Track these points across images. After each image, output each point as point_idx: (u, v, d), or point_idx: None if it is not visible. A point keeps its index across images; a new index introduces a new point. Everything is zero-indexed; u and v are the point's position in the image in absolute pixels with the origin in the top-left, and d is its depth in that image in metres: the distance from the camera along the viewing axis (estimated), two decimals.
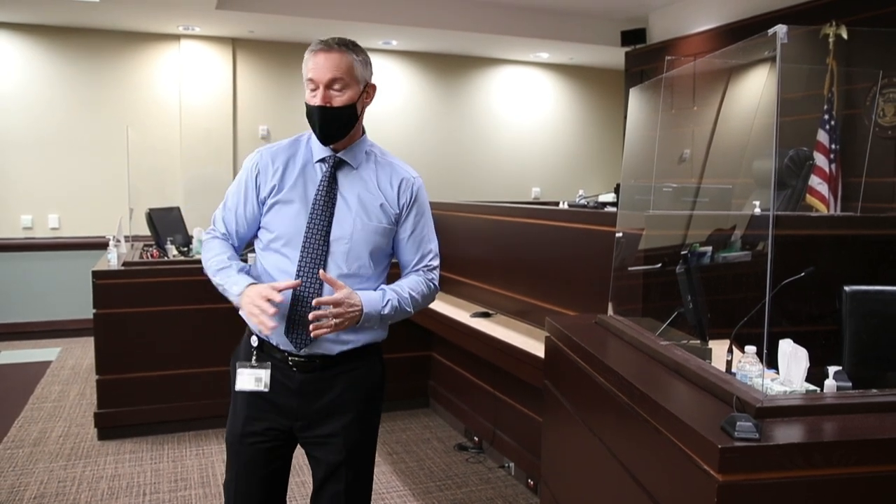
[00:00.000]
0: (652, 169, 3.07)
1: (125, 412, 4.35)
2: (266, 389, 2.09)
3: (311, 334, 1.99)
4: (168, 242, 4.84)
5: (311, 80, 2.02)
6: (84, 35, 7.27)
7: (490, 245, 4.39)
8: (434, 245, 2.26)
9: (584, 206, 5.10)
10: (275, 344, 2.10)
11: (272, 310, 1.93)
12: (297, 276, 2.05)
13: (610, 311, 2.77)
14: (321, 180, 2.09)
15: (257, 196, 2.12)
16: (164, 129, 7.57)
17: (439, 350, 4.91)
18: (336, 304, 1.97)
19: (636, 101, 3.57)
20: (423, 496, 3.67)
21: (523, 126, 9.15)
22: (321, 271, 2.02)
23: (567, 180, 9.11)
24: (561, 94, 9.34)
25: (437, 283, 2.27)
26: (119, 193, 6.61)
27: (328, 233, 2.06)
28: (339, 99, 2.02)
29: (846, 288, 2.51)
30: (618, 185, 5.12)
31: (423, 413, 4.93)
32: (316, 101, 2.02)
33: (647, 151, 3.19)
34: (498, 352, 3.58)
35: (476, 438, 4.30)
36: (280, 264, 2.09)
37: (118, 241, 4.77)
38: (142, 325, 4.34)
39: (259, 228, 2.16)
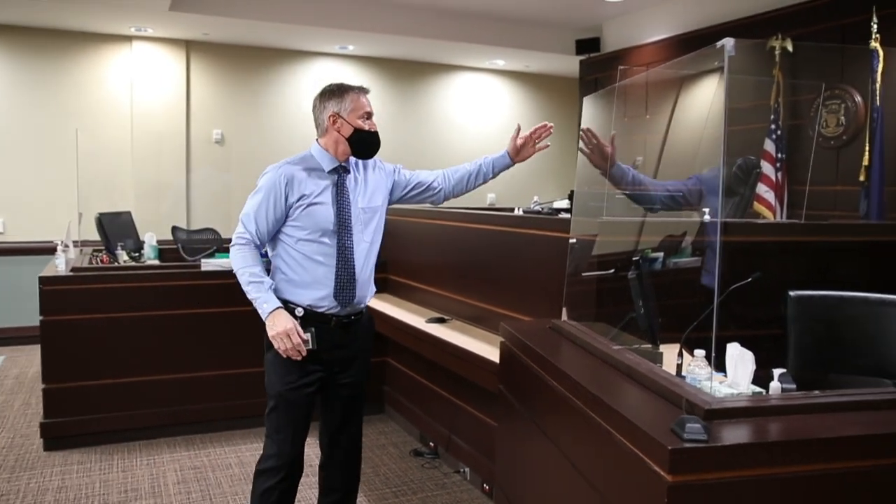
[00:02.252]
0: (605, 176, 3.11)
1: (73, 422, 4.25)
2: (314, 347, 2.68)
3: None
4: (119, 248, 4.76)
5: (369, 113, 2.75)
6: (31, 34, 7.10)
7: (445, 251, 4.41)
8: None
9: (538, 212, 5.15)
10: (322, 311, 2.70)
11: (304, 351, 2.64)
12: (338, 255, 2.69)
13: (564, 316, 2.80)
14: (338, 184, 2.73)
15: (286, 202, 2.67)
16: (115, 131, 7.41)
17: (394, 356, 4.90)
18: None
19: (590, 109, 3.63)
20: (378, 502, 3.66)
21: (479, 132, 9.20)
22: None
23: (522, 186, 9.16)
24: (516, 101, 9.42)
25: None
26: (67, 197, 6.48)
27: (350, 219, 2.72)
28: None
29: (791, 293, 2.58)
30: (572, 192, 5.18)
31: (379, 419, 4.91)
32: (373, 128, 2.76)
33: None
34: (453, 357, 3.59)
35: (432, 444, 4.30)
36: (321, 250, 2.69)
37: (66, 246, 4.66)
38: (91, 332, 4.25)
39: (287, 227, 2.71)
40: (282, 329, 2.59)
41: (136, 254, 4.88)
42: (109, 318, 4.29)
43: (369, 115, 2.74)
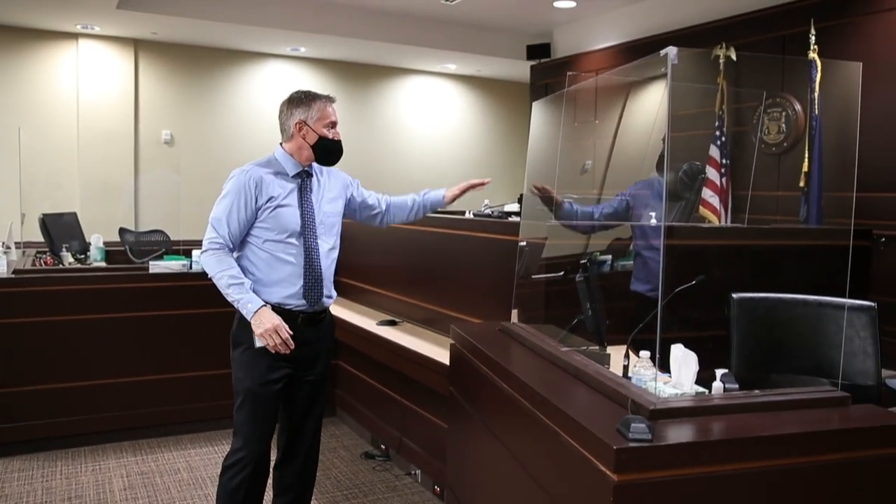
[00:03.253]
0: (554, 180, 3.16)
1: (13, 428, 4.13)
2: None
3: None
4: (63, 249, 4.65)
5: (334, 122, 2.83)
6: None
7: (396, 253, 4.41)
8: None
9: (489, 215, 5.18)
10: (289, 308, 2.76)
11: (292, 345, 2.68)
12: (305, 255, 2.76)
13: (513, 319, 2.84)
14: (302, 187, 2.82)
15: (255, 203, 2.74)
16: (61, 131, 7.25)
17: (345, 358, 4.88)
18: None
19: (539, 114, 3.67)
20: None
21: (431, 135, 9.23)
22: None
23: (473, 190, 9.21)
24: (468, 105, 9.47)
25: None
26: (9, 197, 6.30)
27: (314, 221, 2.80)
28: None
29: (734, 295, 2.66)
30: (521, 196, 5.23)
31: (330, 422, 4.88)
32: (337, 137, 2.84)
33: (549, 163, 3.28)
34: (404, 359, 3.60)
35: (383, 446, 4.30)
36: (289, 250, 2.76)
37: (8, 247, 4.53)
38: (33, 335, 4.14)
39: (254, 229, 2.76)
40: (270, 326, 2.64)
41: (82, 256, 4.78)
42: (54, 321, 4.19)
43: (334, 125, 2.83)
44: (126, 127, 7.47)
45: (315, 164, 2.89)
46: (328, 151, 2.83)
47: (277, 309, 2.73)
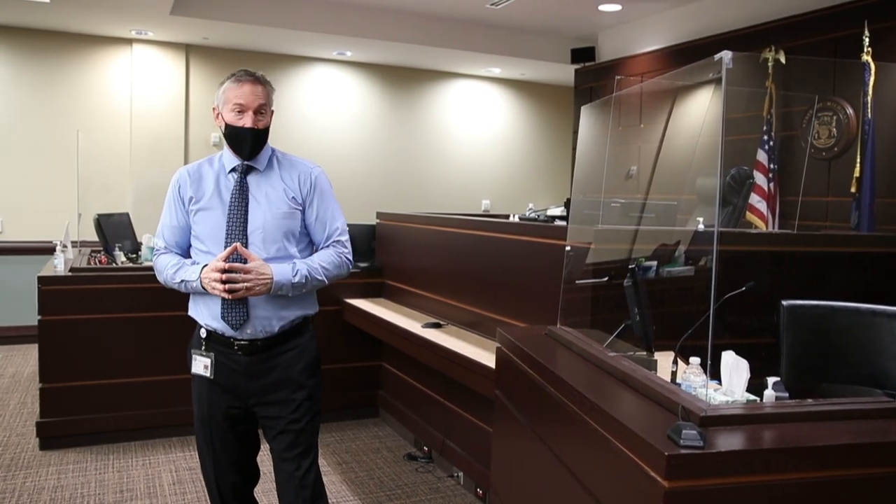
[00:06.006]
0: (601, 184, 3.15)
1: (69, 421, 4.26)
2: (211, 376, 2.44)
3: (227, 295, 2.29)
4: (116, 249, 4.77)
5: (239, 104, 2.39)
6: (33, 36, 7.11)
7: (441, 256, 4.44)
8: (340, 223, 2.56)
9: (534, 219, 5.18)
10: (219, 332, 2.42)
11: (222, 276, 2.27)
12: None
13: (559, 323, 2.84)
14: (234, 185, 2.42)
15: (184, 206, 2.45)
16: (114, 134, 7.44)
17: (389, 360, 4.93)
18: (246, 271, 2.30)
19: (587, 118, 3.67)
20: None
21: (474, 139, 9.24)
22: (237, 243, 2.33)
23: (516, 193, 9.22)
24: (512, 109, 9.46)
25: (348, 256, 2.57)
26: (67, 198, 6.49)
27: (245, 227, 2.38)
28: (262, 122, 2.44)
29: (784, 302, 2.62)
30: (568, 200, 5.22)
31: (373, 423, 4.93)
32: (246, 123, 2.38)
33: (596, 167, 3.27)
34: (448, 362, 3.61)
35: (426, 448, 4.33)
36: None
37: (65, 246, 4.67)
38: (88, 332, 4.26)
39: (192, 238, 2.48)
40: (209, 283, 2.32)
41: (134, 255, 4.89)
42: (107, 318, 4.31)
43: (242, 108, 2.39)
44: (177, 129, 7.63)
45: (275, 155, 2.53)
46: (235, 140, 2.41)
47: (212, 333, 2.44)
